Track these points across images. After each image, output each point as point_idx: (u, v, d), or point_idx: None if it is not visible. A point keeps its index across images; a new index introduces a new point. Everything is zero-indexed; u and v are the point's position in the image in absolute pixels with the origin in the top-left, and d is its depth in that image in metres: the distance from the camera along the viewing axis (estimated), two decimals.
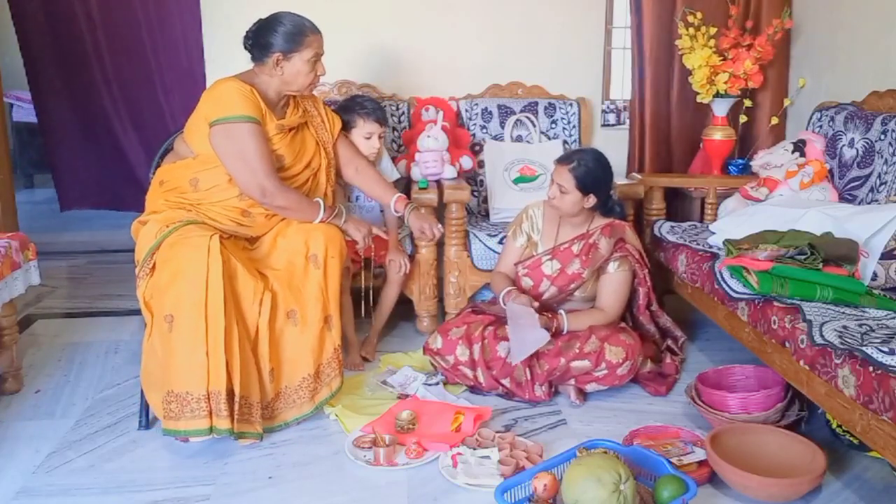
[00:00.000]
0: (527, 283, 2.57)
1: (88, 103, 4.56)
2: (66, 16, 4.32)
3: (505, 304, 2.47)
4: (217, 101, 2.25)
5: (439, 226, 2.64)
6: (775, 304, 2.04)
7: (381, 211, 2.91)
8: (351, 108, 2.77)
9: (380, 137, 2.78)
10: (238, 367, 2.05)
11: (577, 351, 2.37)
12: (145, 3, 4.21)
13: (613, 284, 2.54)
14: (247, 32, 2.36)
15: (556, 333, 2.42)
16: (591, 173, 2.45)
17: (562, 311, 2.47)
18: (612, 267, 2.53)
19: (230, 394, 2.03)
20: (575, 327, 2.45)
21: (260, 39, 2.32)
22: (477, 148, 3.37)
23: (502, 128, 3.39)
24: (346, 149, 2.64)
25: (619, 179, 3.23)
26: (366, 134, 2.74)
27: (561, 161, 2.50)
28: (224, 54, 3.20)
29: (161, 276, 2.11)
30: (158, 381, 2.09)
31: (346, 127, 2.73)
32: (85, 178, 4.72)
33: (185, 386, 2.01)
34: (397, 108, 3.37)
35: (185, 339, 2.03)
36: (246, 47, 2.36)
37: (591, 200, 2.50)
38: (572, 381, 2.41)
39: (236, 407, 2.04)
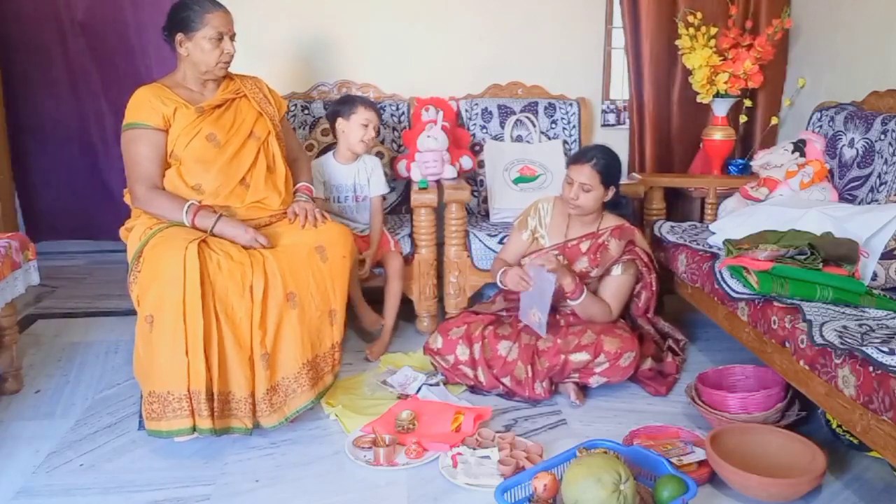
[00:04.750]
0: None
1: (65, 110, 4.07)
2: (47, 17, 4.07)
3: (502, 284, 2.54)
4: (126, 111, 2.36)
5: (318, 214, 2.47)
6: (775, 304, 2.05)
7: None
8: (350, 99, 2.87)
9: (375, 130, 2.82)
10: (217, 365, 2.06)
11: (575, 345, 2.38)
12: (134, 5, 4.05)
13: (615, 287, 2.55)
14: (163, 25, 2.41)
15: (572, 295, 2.44)
16: (610, 166, 2.48)
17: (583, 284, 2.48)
18: (617, 270, 2.54)
19: (210, 393, 2.04)
20: (586, 305, 2.46)
21: (168, 25, 2.38)
22: (477, 148, 3.37)
23: (502, 128, 3.39)
24: (287, 136, 2.67)
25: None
26: (363, 121, 2.80)
27: (578, 161, 2.49)
28: None
29: (143, 278, 2.13)
30: (142, 380, 2.11)
31: (345, 115, 2.81)
32: (57, 203, 4.13)
33: (166, 386, 2.03)
34: (397, 108, 3.37)
35: (164, 340, 2.03)
36: (164, 38, 2.41)
37: (611, 193, 2.52)
38: (575, 377, 2.41)
39: (216, 404, 2.05)
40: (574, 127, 3.43)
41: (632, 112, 3.49)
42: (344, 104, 2.84)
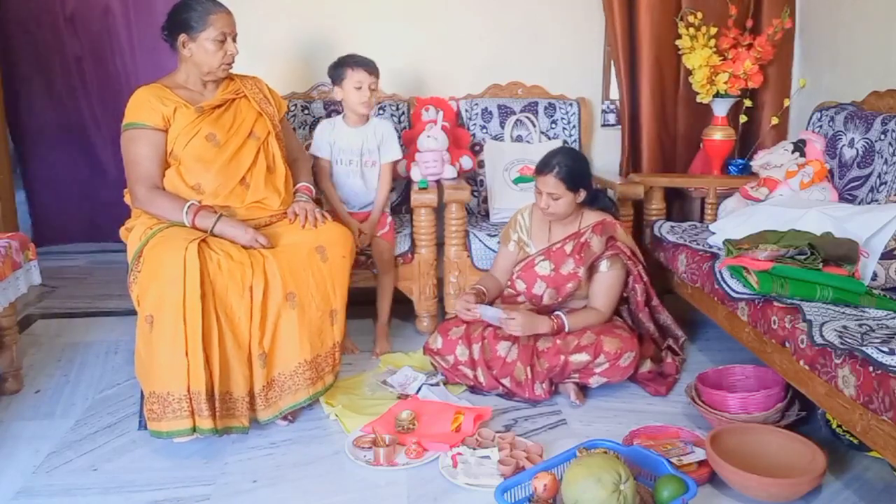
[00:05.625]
0: (520, 285, 2.58)
1: (67, 115, 4.14)
2: (46, 20, 3.98)
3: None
4: (126, 111, 2.35)
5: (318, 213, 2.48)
6: (775, 304, 2.04)
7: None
8: (341, 62, 2.80)
9: (371, 89, 2.77)
10: (218, 365, 2.06)
11: (575, 346, 2.38)
12: (126, 6, 4.01)
13: (605, 284, 2.54)
14: (163, 24, 2.40)
15: (558, 332, 2.43)
16: (573, 171, 2.46)
17: (559, 312, 2.47)
18: (603, 266, 2.53)
19: (210, 393, 2.04)
20: (575, 327, 2.45)
21: (169, 25, 2.37)
22: (477, 148, 3.37)
23: (502, 128, 3.39)
24: (287, 136, 2.66)
25: (617, 179, 3.24)
26: (356, 84, 2.75)
27: (541, 171, 2.48)
28: None
29: (143, 278, 2.13)
30: (143, 381, 2.11)
31: (338, 81, 2.78)
32: (63, 207, 4.21)
33: (166, 386, 2.03)
34: (397, 108, 3.37)
35: (164, 340, 2.04)
36: (163, 38, 2.40)
37: (582, 195, 2.51)
38: (575, 378, 2.41)
39: (217, 404, 2.06)
40: (574, 127, 3.43)
41: (632, 112, 3.48)
42: (335, 68, 2.79)
